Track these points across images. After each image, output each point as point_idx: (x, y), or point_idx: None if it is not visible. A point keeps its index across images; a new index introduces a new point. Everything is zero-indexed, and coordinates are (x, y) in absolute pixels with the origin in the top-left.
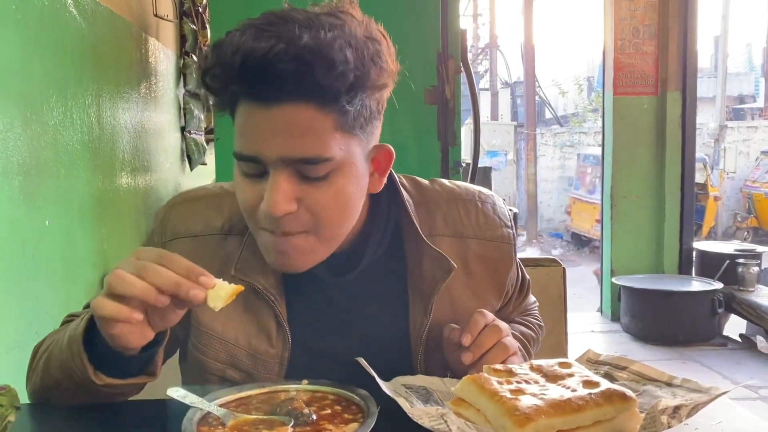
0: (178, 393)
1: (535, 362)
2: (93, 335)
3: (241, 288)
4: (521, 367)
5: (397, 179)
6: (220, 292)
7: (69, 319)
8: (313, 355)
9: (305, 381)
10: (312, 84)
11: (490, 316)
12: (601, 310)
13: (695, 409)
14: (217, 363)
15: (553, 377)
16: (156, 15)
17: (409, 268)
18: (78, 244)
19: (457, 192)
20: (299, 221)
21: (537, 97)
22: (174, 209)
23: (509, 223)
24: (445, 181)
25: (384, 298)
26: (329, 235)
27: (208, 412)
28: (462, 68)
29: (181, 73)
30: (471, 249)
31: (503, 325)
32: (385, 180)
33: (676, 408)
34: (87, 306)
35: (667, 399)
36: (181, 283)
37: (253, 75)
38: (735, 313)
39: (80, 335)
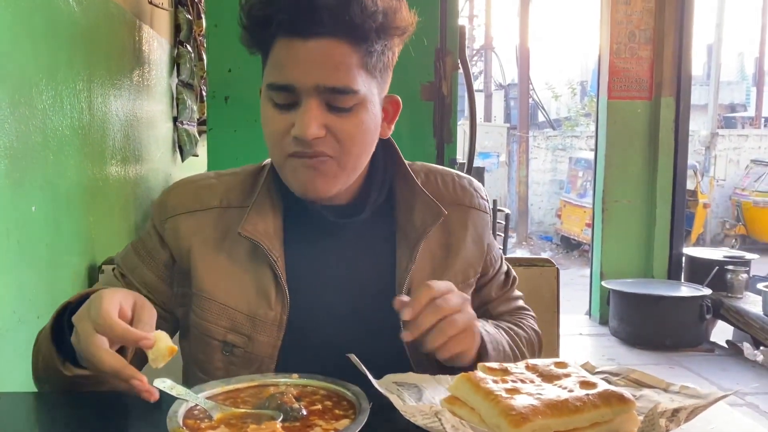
0: (164, 384)
1: (531, 361)
2: (63, 325)
3: (175, 349)
4: (516, 366)
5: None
6: (157, 353)
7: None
8: (310, 316)
9: (295, 375)
10: (348, 21)
11: (441, 287)
12: (589, 313)
13: (694, 413)
14: (219, 327)
15: (549, 377)
16: (151, 3)
17: (399, 216)
18: (64, 231)
19: (435, 167)
20: (326, 146)
21: (530, 100)
22: (171, 192)
23: (485, 197)
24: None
25: (376, 250)
26: (351, 164)
27: (195, 405)
28: (460, 65)
29: (175, 62)
30: (451, 215)
31: (454, 299)
32: (392, 129)
33: (675, 411)
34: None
35: (666, 402)
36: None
37: (299, 7)
38: (723, 320)
39: (49, 326)
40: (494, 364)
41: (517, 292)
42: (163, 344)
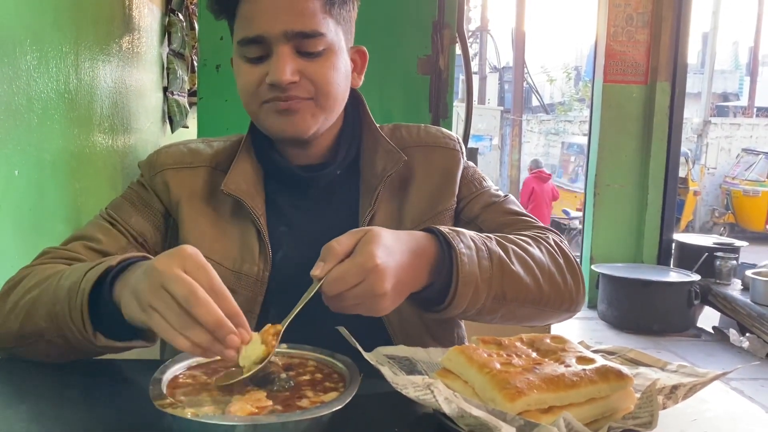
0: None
1: (526, 336)
2: (99, 292)
3: (272, 351)
4: (510, 339)
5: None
6: (250, 352)
7: (49, 250)
8: (290, 273)
9: (284, 345)
10: None
11: (333, 256)
12: None
13: (692, 390)
14: None
15: (544, 352)
16: None
17: (363, 167)
18: (48, 197)
19: (406, 124)
20: (302, 90)
21: (525, 84)
22: (160, 151)
23: (455, 139)
24: None
25: (347, 205)
26: (329, 105)
27: (180, 373)
28: (458, 39)
29: (166, 31)
30: (415, 157)
31: (349, 269)
32: (362, 79)
33: (674, 388)
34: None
35: (664, 380)
36: (221, 325)
37: None
38: (710, 306)
39: (87, 293)
40: (487, 337)
41: (513, 207)
42: (258, 344)
